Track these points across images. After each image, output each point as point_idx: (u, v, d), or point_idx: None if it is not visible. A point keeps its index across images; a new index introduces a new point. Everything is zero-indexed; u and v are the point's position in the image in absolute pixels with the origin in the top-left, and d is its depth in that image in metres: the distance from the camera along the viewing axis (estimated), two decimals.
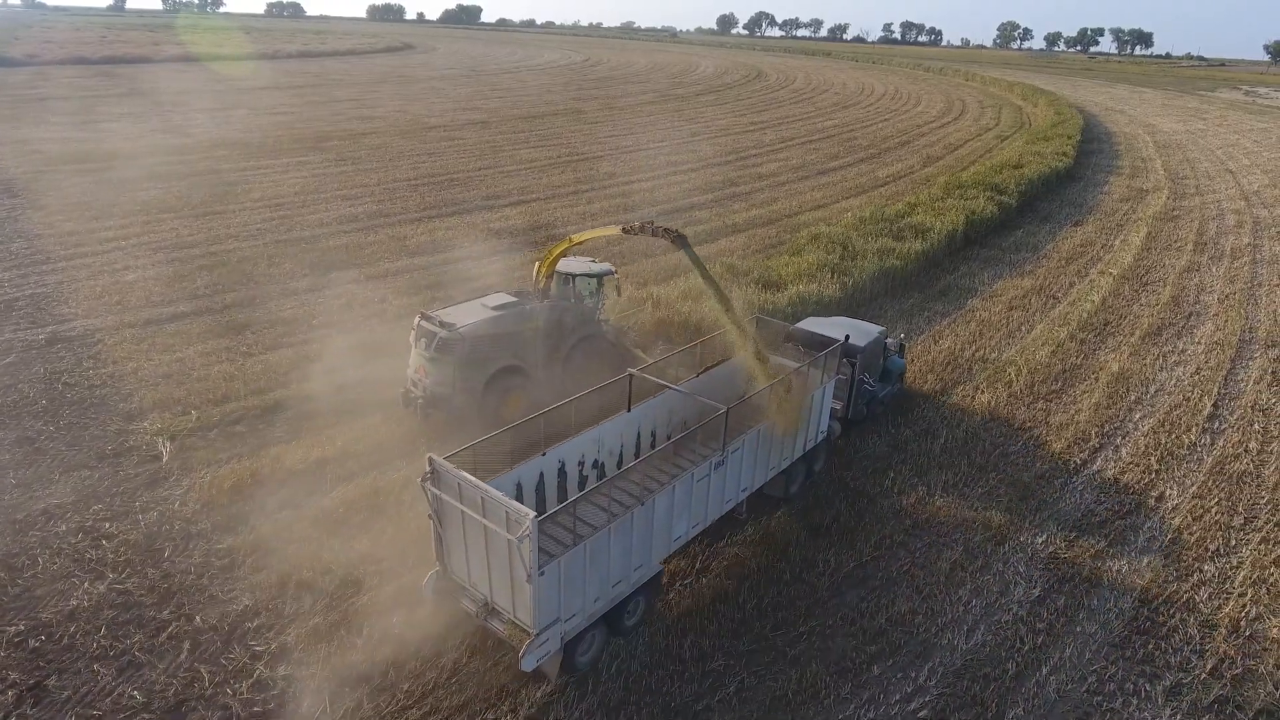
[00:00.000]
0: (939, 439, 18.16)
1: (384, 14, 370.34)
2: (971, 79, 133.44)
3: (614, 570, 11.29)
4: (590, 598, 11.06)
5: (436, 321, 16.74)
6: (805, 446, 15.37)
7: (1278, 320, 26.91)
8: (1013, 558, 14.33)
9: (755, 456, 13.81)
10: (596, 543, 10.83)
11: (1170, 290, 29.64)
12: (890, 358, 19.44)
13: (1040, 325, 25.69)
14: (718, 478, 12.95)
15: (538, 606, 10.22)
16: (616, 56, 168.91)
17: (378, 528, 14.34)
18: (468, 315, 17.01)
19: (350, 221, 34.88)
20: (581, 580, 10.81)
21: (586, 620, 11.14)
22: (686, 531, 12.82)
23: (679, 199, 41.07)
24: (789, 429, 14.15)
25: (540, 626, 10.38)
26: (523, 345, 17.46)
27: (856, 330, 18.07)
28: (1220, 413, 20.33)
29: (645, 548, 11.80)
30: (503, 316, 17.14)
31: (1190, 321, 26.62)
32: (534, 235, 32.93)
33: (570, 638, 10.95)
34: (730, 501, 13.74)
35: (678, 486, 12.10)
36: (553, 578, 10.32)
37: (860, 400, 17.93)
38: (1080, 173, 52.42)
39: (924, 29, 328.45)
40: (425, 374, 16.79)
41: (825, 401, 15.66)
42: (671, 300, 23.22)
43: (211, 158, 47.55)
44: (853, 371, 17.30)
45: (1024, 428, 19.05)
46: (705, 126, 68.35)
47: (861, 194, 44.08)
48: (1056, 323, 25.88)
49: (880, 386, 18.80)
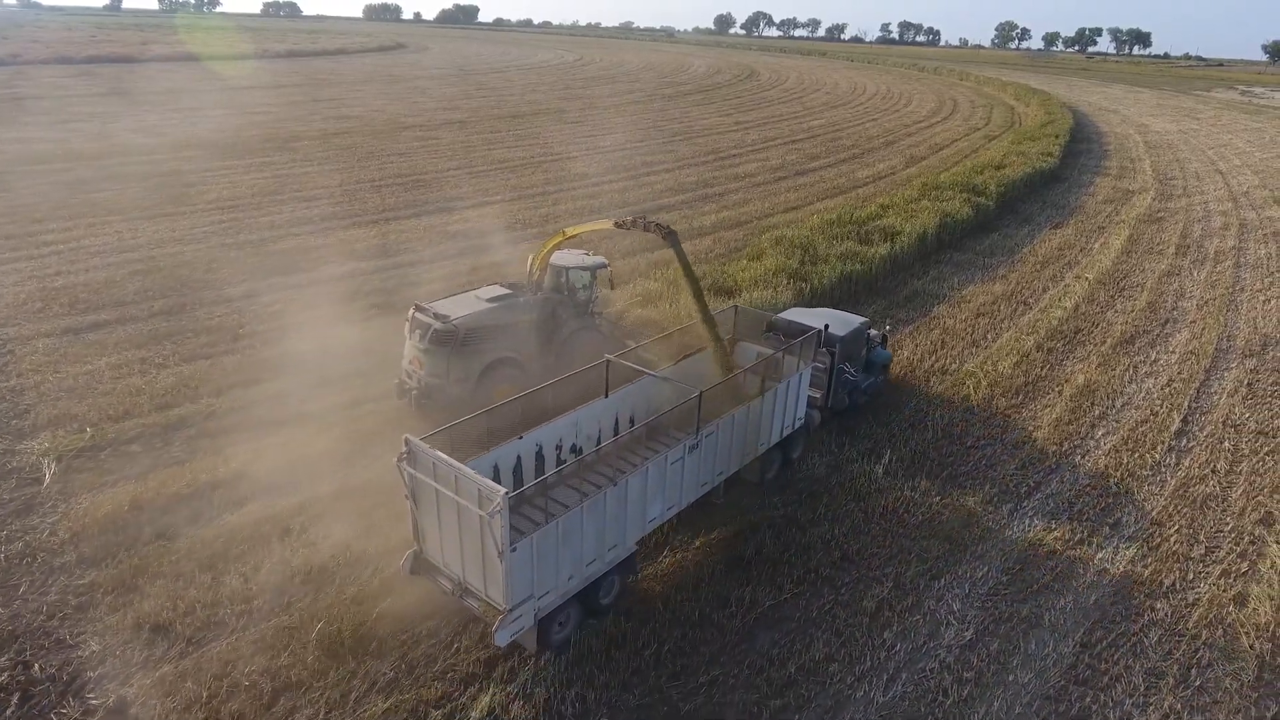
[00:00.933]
0: (882, 460, 16.98)
1: (380, 14, 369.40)
2: (966, 79, 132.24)
3: (587, 549, 11.44)
4: (564, 576, 11.20)
5: (431, 313, 16.87)
6: (782, 433, 15.62)
7: (1257, 328, 25.71)
8: (947, 594, 13.14)
9: (731, 441, 14.05)
10: (569, 521, 10.97)
11: (1147, 296, 28.44)
12: (874, 349, 19.40)
13: (1007, 334, 24.50)
14: (692, 461, 13.15)
15: (510, 583, 10.30)
16: (610, 56, 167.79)
17: (256, 562, 13.17)
18: (462, 307, 17.21)
19: (303, 224, 33.71)
20: (554, 558, 10.94)
21: (560, 598, 11.28)
22: (662, 513, 13.00)
23: (648, 200, 39.90)
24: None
25: (513, 602, 10.45)
26: (517, 337, 17.59)
27: (837, 321, 18.19)
28: (1189, 429, 19.13)
29: (619, 528, 11.96)
30: (497, 308, 17.37)
31: (1166, 329, 25.41)
32: (489, 239, 31.70)
33: (544, 615, 11.08)
34: (706, 485, 13.94)
35: (651, 468, 12.29)
36: (525, 555, 10.43)
37: (841, 390, 17.93)
38: (1066, 173, 51.21)
39: (922, 29, 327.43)
40: (419, 365, 16.91)
41: (801, 389, 15.83)
42: (662, 294, 23.34)
43: (176, 158, 46.39)
44: (832, 360, 17.30)
45: (976, 446, 17.85)
46: (688, 126, 67.20)
47: (839, 195, 42.90)
48: (1024, 331, 24.68)
49: (863, 377, 18.75)
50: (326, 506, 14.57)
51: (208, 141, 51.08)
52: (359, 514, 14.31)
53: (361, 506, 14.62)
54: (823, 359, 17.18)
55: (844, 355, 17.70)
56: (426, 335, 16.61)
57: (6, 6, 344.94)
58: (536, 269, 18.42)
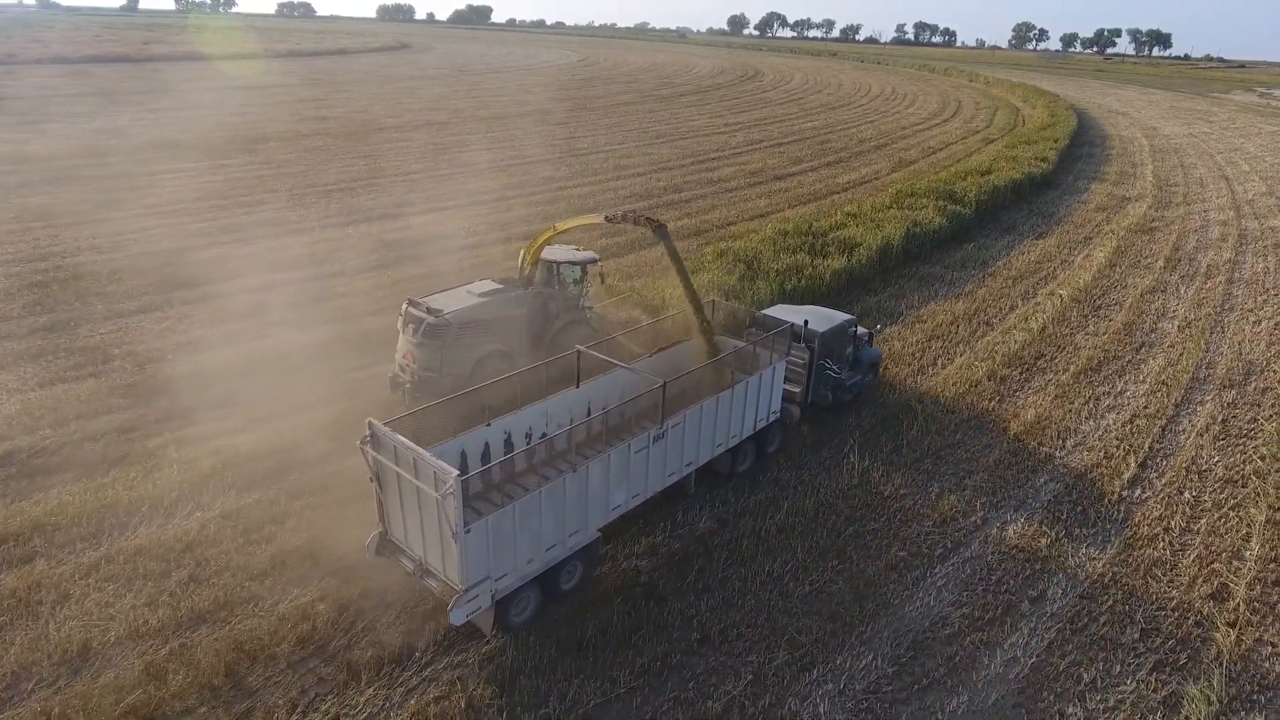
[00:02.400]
0: (780, 510, 14.89)
1: (394, 14, 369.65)
2: (975, 80, 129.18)
3: (546, 534, 11.53)
4: (522, 559, 11.29)
5: (424, 307, 17.15)
6: (755, 426, 15.72)
7: (1242, 353, 23.33)
8: (816, 691, 11.03)
9: (699, 432, 14.12)
10: (526, 504, 11.09)
11: (1125, 315, 26.08)
12: (863, 347, 19.26)
13: (961, 359, 22.28)
14: (657, 450, 13.21)
15: (465, 563, 10.42)
16: (616, 56, 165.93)
17: (10, 638, 11.30)
18: (454, 301, 17.50)
19: (233, 231, 32.00)
20: (512, 541, 11.02)
21: (519, 580, 11.37)
22: (626, 501, 13.06)
23: (609, 205, 37.90)
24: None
25: (468, 583, 10.55)
26: (508, 331, 17.85)
27: (820, 317, 18.17)
28: (1146, 475, 16.88)
29: (580, 514, 12.02)
30: (488, 302, 17.64)
31: (1139, 355, 23.09)
32: (423, 248, 29.87)
33: (501, 596, 11.15)
34: (674, 475, 14.01)
35: (613, 456, 12.39)
36: (481, 536, 10.53)
37: (824, 387, 17.94)
38: (1060, 179, 48.66)
39: (938, 30, 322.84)
40: (412, 359, 17.11)
41: (775, 382, 15.96)
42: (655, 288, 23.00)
43: (132, 159, 44.94)
44: (811, 356, 17.34)
45: (895, 496, 15.70)
46: (675, 128, 65.14)
47: (812, 202, 40.70)
48: (980, 356, 22.46)
49: (849, 375, 18.63)
50: (120, 568, 12.71)
51: (170, 142, 49.65)
52: (148, 577, 12.45)
53: (161, 567, 12.77)
54: (801, 354, 17.24)
55: (825, 352, 17.65)
56: (419, 329, 16.84)
57: (25, 7, 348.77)
58: (528, 264, 18.57)
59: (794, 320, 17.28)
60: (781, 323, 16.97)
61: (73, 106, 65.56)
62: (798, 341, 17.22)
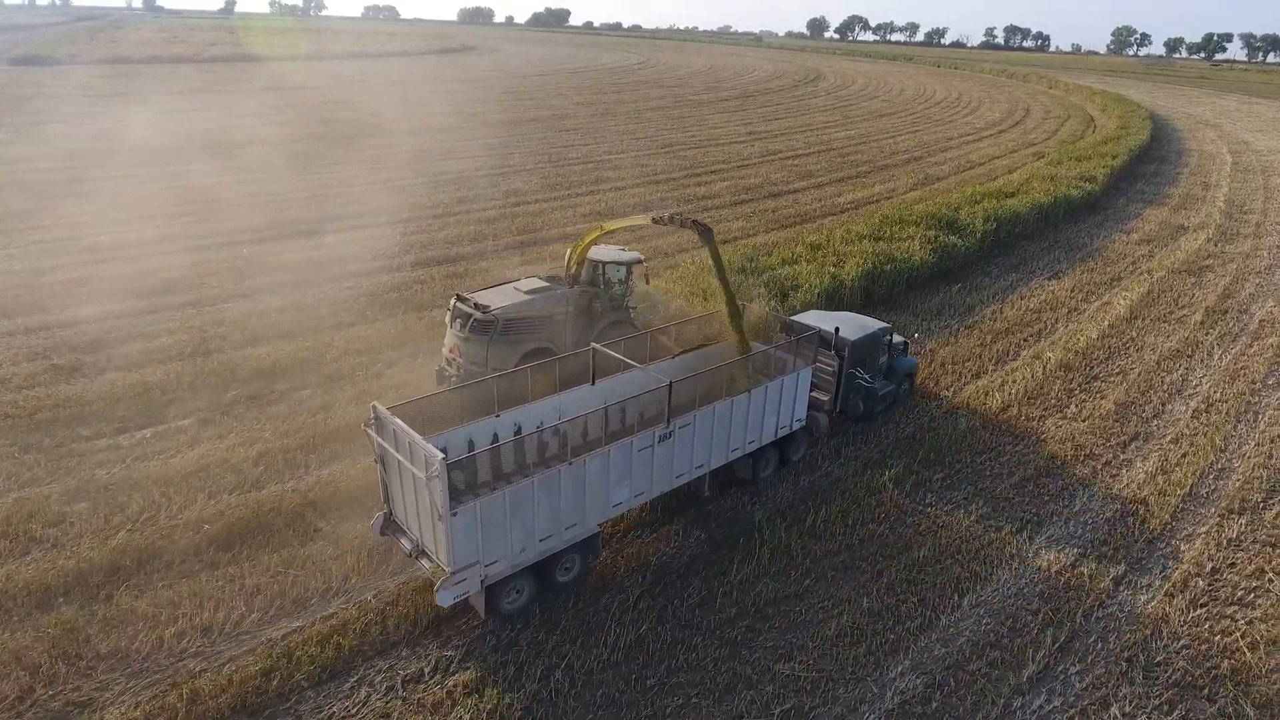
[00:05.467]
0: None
1: (474, 17, 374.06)
2: (1055, 86, 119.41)
3: (541, 524, 11.56)
4: (515, 547, 11.38)
5: (471, 303, 17.42)
6: (777, 432, 15.35)
7: (1272, 458, 17.35)
8: None
9: (711, 435, 13.82)
10: (519, 493, 11.17)
11: (1124, 391, 20.29)
12: (898, 357, 18.59)
13: (856, 452, 17.10)
14: (663, 450, 13.02)
15: (452, 545, 10.63)
16: (678, 59, 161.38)
17: None
18: (501, 298, 17.74)
19: (122, 248, 29.17)
20: (503, 528, 11.12)
21: (511, 568, 11.45)
22: (629, 499, 12.98)
23: (558, 225, 33.76)
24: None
25: (456, 565, 10.75)
26: (553, 328, 18.06)
27: (852, 325, 17.66)
28: (1059, 670, 11.56)
29: (578, 507, 12.01)
30: (535, 300, 17.84)
31: (1123, 455, 17.41)
32: (309, 274, 26.39)
33: (493, 582, 11.29)
34: (682, 477, 13.78)
35: (614, 452, 12.28)
36: (469, 520, 10.69)
37: (855, 395, 17.39)
38: (1108, 202, 41.88)
39: (1030, 34, 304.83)
40: (458, 353, 17.42)
41: (800, 389, 15.56)
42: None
43: (98, 164, 43.37)
44: (840, 364, 16.84)
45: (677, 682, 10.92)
46: (691, 136, 60.42)
47: (796, 225, 35.56)
48: (894, 447, 17.22)
49: (883, 384, 17.96)
50: None
51: (147, 146, 47.81)
52: None
53: None
54: (830, 362, 16.75)
55: (856, 360, 17.05)
56: (466, 324, 17.15)
57: (133, 10, 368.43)
58: (574, 263, 18.60)
59: (824, 327, 16.75)
60: (809, 328, 16.33)
61: (87, 108, 65.60)
62: (826, 348, 16.63)
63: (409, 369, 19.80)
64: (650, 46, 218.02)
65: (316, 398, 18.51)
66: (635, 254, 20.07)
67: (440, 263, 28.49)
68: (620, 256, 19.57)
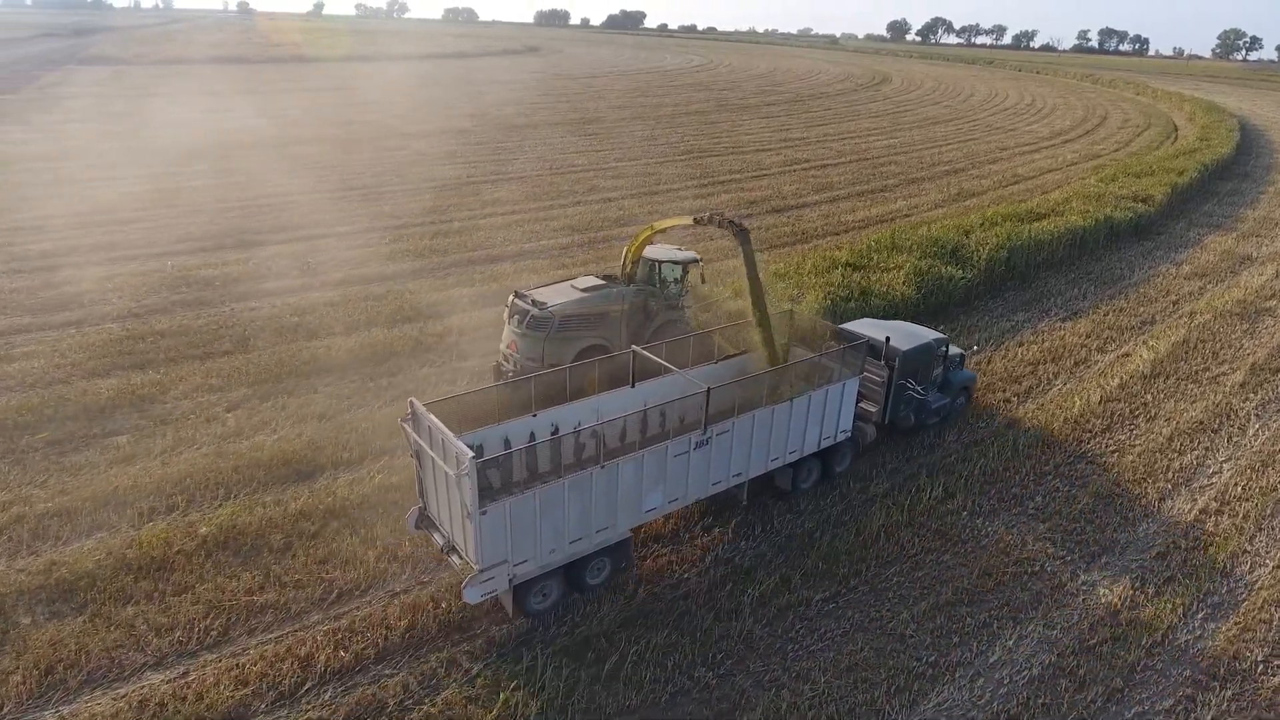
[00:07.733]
0: None
1: (550, 19, 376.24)
2: (1142, 92, 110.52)
3: (571, 526, 11.51)
4: (544, 548, 11.34)
5: (529, 300, 17.54)
6: (820, 442, 14.86)
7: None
8: None
9: (750, 443, 13.46)
10: (549, 494, 11.11)
11: (1113, 478, 16.07)
12: (954, 369, 18.08)
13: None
14: (699, 457, 12.76)
15: (480, 543, 10.61)
16: (741, 62, 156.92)
17: None
18: (558, 295, 17.86)
19: (60, 255, 27.74)
20: (533, 528, 11.08)
21: (539, 569, 11.44)
22: (663, 505, 12.78)
23: (527, 240, 31.05)
24: None
25: (484, 563, 10.76)
26: (608, 325, 18.14)
27: (904, 334, 17.27)
28: None
29: (609, 511, 11.90)
30: (590, 297, 17.93)
31: (1083, 574, 13.34)
32: (227, 290, 24.33)
33: (521, 582, 11.30)
34: (719, 485, 13.45)
35: (648, 457, 12.08)
36: (498, 519, 10.66)
37: (905, 407, 16.88)
38: (1166, 224, 36.57)
39: (1126, 36, 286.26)
40: (515, 348, 17.52)
41: (845, 400, 15.02)
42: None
43: (90, 165, 42.91)
44: (890, 375, 16.34)
45: None
46: (717, 143, 56.87)
47: (789, 246, 31.99)
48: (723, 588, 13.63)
49: (936, 396, 17.54)
50: None
51: (149, 147, 47.29)
52: None
53: None
54: (880, 372, 16.33)
55: (907, 371, 16.49)
56: (524, 320, 17.23)
57: (228, 13, 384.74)
58: (630, 261, 18.67)
59: (876, 334, 16.46)
60: (859, 338, 15.90)
61: (119, 106, 66.11)
62: (875, 358, 16.23)
63: (250, 412, 17.23)
64: (720, 49, 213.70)
65: (130, 445, 16.09)
66: (691, 253, 19.86)
67: (358, 282, 25.79)
68: (676, 255, 19.40)
